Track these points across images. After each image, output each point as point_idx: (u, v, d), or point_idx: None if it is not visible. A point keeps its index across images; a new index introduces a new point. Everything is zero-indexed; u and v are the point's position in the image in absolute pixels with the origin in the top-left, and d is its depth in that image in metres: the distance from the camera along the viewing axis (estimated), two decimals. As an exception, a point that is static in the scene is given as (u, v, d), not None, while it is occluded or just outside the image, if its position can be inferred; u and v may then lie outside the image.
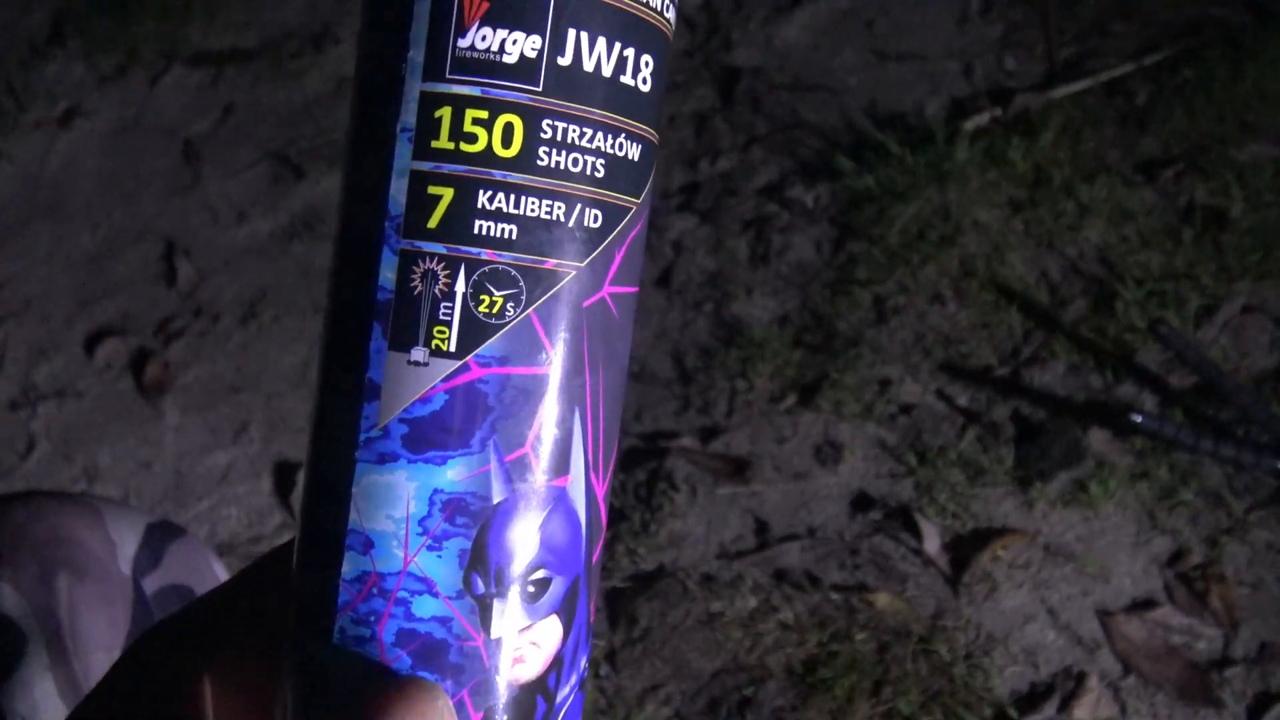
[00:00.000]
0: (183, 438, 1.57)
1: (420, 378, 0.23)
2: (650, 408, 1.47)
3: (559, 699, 0.25)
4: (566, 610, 0.25)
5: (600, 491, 0.26)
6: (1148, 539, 1.25)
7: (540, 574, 0.24)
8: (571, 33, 0.24)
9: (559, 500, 0.24)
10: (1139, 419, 1.24)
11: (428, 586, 0.24)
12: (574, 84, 0.24)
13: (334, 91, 2.04)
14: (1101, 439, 1.32)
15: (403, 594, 0.23)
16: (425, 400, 0.23)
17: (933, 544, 1.27)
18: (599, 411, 0.25)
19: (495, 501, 0.24)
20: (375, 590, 0.24)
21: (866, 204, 1.62)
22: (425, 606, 0.24)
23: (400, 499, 0.23)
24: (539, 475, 0.24)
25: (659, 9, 0.26)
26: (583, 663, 0.26)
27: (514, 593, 0.24)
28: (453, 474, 0.23)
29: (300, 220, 1.83)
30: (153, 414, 1.60)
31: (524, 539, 0.24)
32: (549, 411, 0.24)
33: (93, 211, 1.92)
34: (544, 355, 0.24)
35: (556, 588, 0.25)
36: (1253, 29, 1.75)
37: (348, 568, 0.24)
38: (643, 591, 1.27)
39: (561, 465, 0.24)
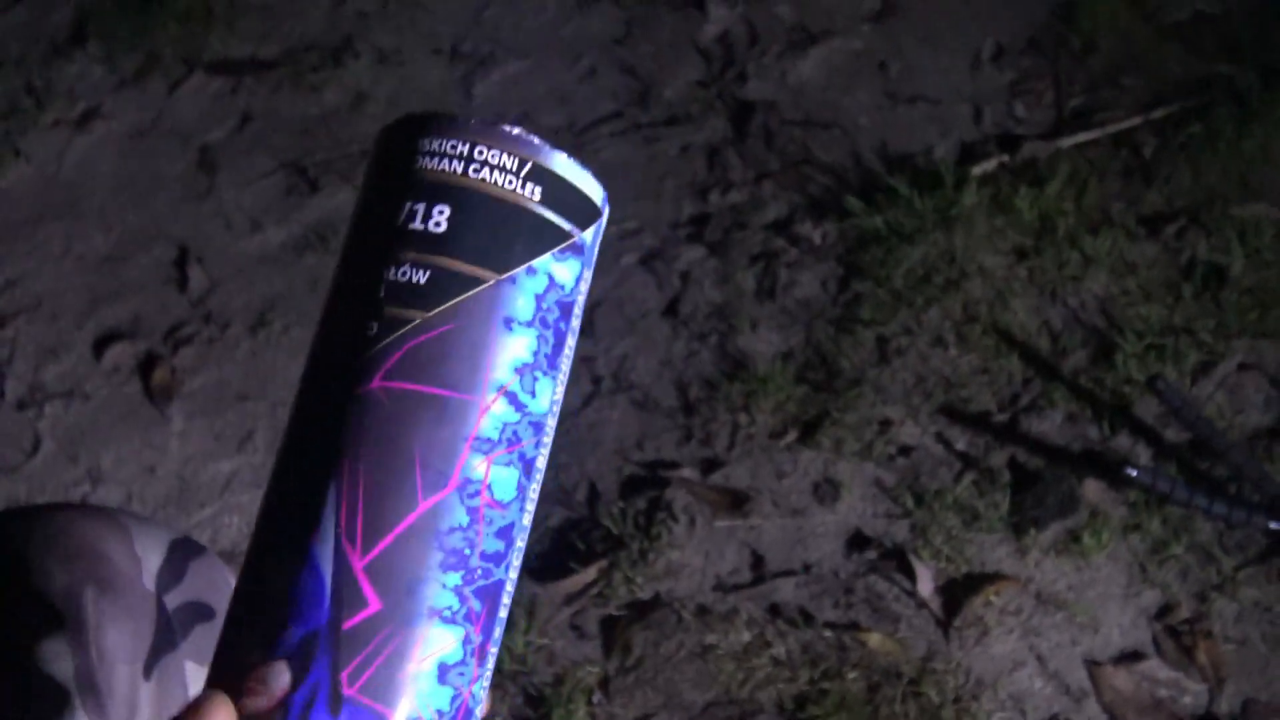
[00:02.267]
0: (187, 444, 1.58)
1: None
2: (652, 437, 1.49)
3: None
4: (298, 660, 0.28)
5: (354, 562, 0.28)
6: (1138, 591, 1.27)
7: (279, 616, 0.28)
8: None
9: (306, 557, 0.28)
10: (1134, 472, 1.26)
11: None
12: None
13: (352, 105, 2.06)
14: (1096, 490, 1.34)
15: None
16: None
17: (926, 586, 1.28)
18: (357, 488, 0.28)
19: (264, 547, 0.29)
20: None
21: (874, 244, 1.65)
22: None
23: None
24: (295, 532, 0.28)
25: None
26: None
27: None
28: None
29: (313, 232, 1.85)
30: (159, 419, 1.61)
31: (277, 584, 0.28)
32: (306, 482, 0.29)
33: (106, 214, 1.94)
34: (315, 435, 0.29)
35: (290, 634, 0.28)
36: (1260, 90, 1.78)
37: None
38: (638, 620, 1.29)
39: (310, 526, 0.28)
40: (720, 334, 1.60)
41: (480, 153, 0.32)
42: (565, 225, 0.32)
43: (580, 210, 0.34)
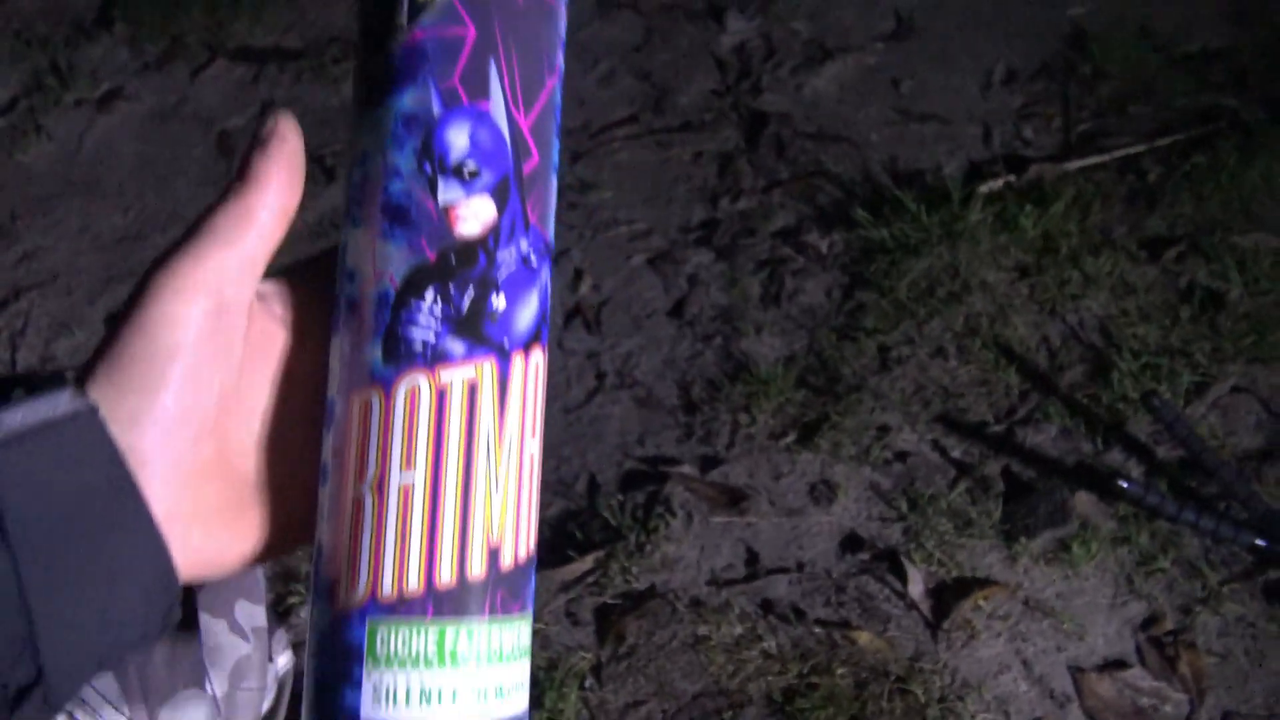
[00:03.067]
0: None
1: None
2: (654, 434, 1.51)
3: (499, 258, 0.36)
4: (499, 195, 0.36)
5: (522, 121, 0.36)
6: (1124, 602, 1.29)
7: (471, 165, 0.36)
8: None
9: (482, 117, 0.36)
10: (1125, 485, 1.28)
11: (396, 171, 0.35)
12: None
13: (371, 99, 2.10)
14: (1087, 502, 1.36)
15: (382, 179, 0.36)
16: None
17: (917, 588, 1.31)
18: (513, 63, 0.36)
19: (435, 115, 0.35)
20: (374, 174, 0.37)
21: (879, 255, 1.67)
22: (395, 185, 0.35)
23: (384, 121, 0.36)
24: (464, 100, 0.35)
25: None
26: (523, 245, 0.36)
27: (453, 174, 0.35)
28: (407, 99, 0.35)
29: (328, 220, 1.87)
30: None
31: (457, 140, 0.35)
32: (469, 59, 0.36)
33: (125, 193, 1.97)
34: (462, 24, 0.36)
35: (486, 177, 0.36)
36: (1265, 123, 1.81)
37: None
38: (632, 609, 1.31)
39: (482, 93, 0.35)
40: (724, 336, 1.62)
41: None
42: None
43: None
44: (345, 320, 0.36)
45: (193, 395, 0.35)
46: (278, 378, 0.38)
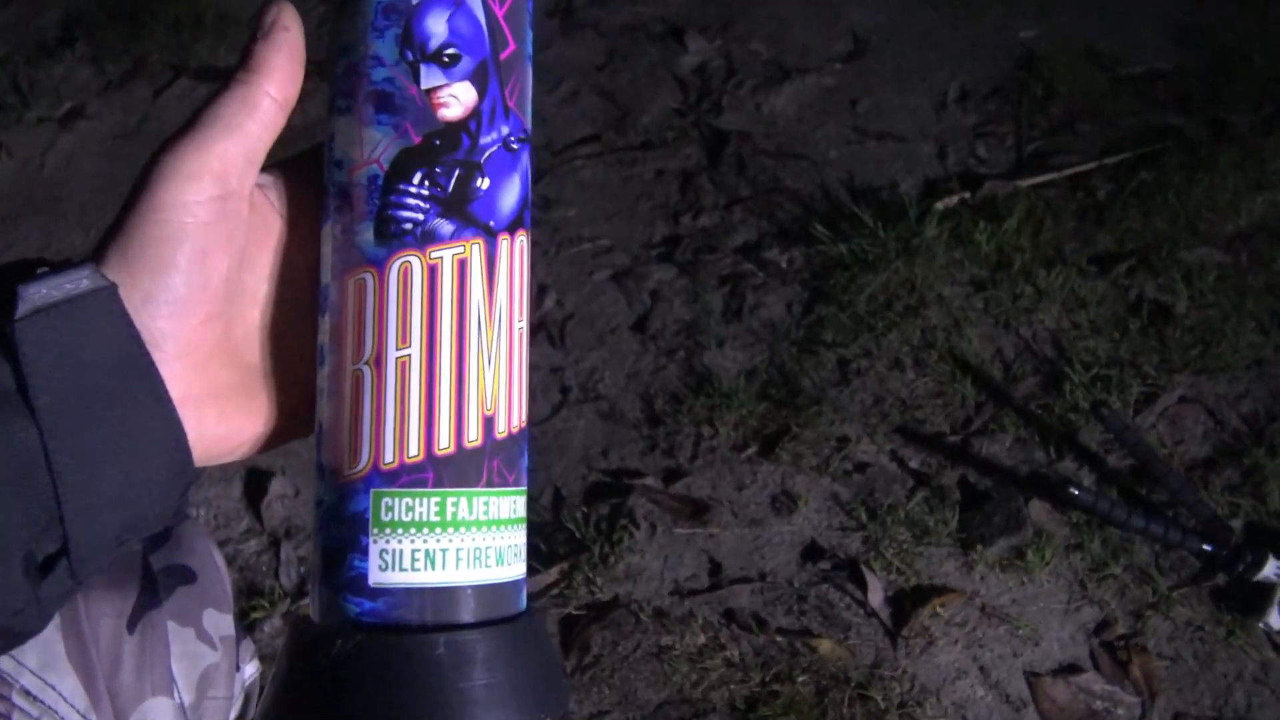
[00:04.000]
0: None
1: None
2: (617, 446, 1.53)
3: (481, 141, 0.37)
4: (478, 80, 0.37)
5: (498, 9, 0.37)
6: (1077, 607, 1.32)
7: (451, 50, 0.37)
8: None
9: (460, 5, 0.37)
10: (1077, 493, 1.31)
11: (379, 60, 0.37)
12: None
13: (335, 117, 2.11)
14: (1041, 510, 1.40)
15: (365, 68, 0.37)
16: None
17: (876, 596, 1.33)
18: None
19: (414, 3, 0.36)
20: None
21: (838, 270, 1.71)
22: (379, 73, 0.37)
23: (365, 11, 0.37)
24: None
25: None
26: (504, 130, 0.38)
27: (433, 60, 0.37)
28: None
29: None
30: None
31: (436, 27, 0.36)
32: None
33: (87, 213, 1.96)
34: None
35: (466, 63, 0.37)
36: (1209, 141, 1.87)
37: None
38: (597, 620, 1.32)
39: None
40: (687, 350, 1.65)
41: None
42: None
43: None
44: (336, 206, 0.38)
45: (201, 278, 0.36)
46: (276, 267, 0.40)
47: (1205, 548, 1.31)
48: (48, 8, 2.32)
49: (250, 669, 0.68)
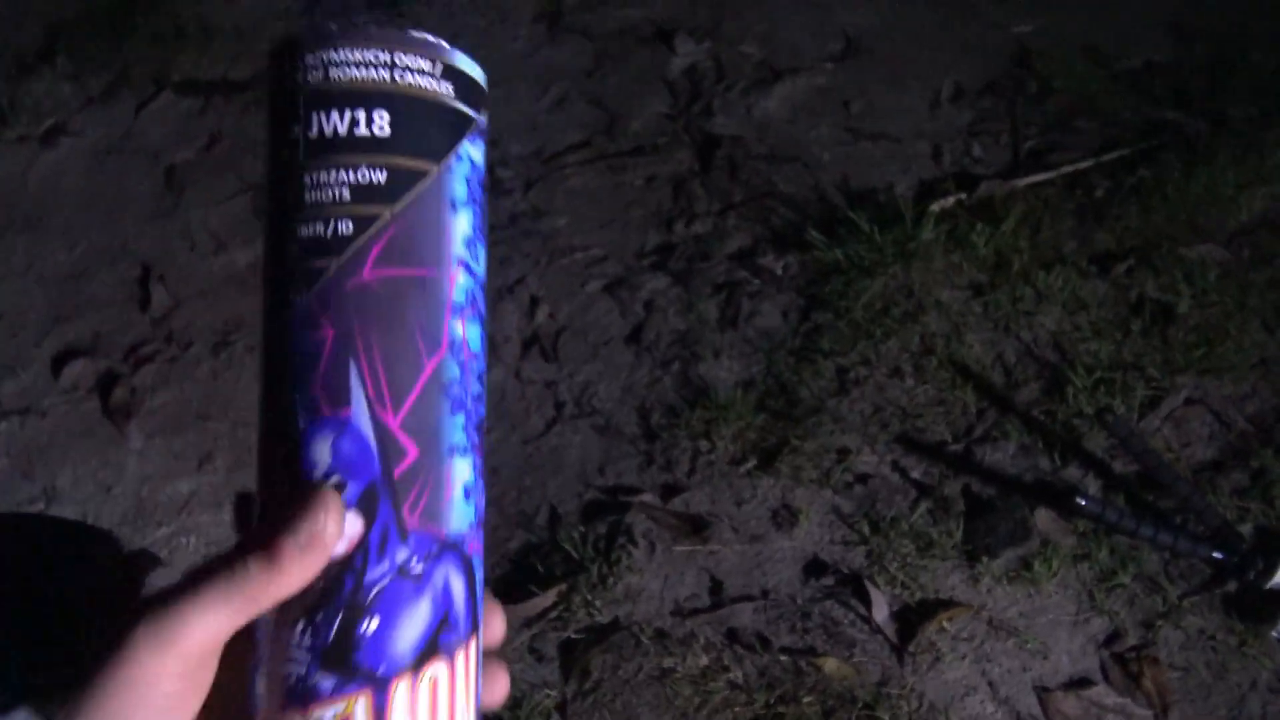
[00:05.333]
0: (146, 463, 1.57)
1: None
2: (614, 462, 1.50)
3: (369, 578, 0.34)
4: (364, 507, 0.34)
5: (390, 421, 0.35)
6: (1086, 618, 1.30)
7: (335, 479, 0.34)
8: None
9: (343, 425, 0.34)
10: (1084, 502, 1.29)
11: None
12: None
13: (320, 129, 2.08)
14: (1047, 519, 1.37)
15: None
16: None
17: (881, 612, 1.30)
18: (376, 361, 0.34)
19: (299, 429, 0.34)
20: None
21: (834, 276, 1.68)
22: None
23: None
24: (324, 410, 0.34)
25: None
26: (399, 557, 0.34)
27: None
28: (274, 416, 0.35)
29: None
30: (117, 437, 1.60)
31: (320, 455, 0.34)
32: (327, 364, 0.35)
33: (71, 230, 1.93)
34: (319, 327, 0.35)
35: (351, 489, 0.34)
36: (1207, 136, 1.84)
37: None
38: (597, 643, 1.29)
39: (343, 400, 0.34)
40: (682, 361, 1.62)
41: (401, 59, 0.37)
42: (471, 112, 0.39)
43: (478, 96, 0.39)
44: (251, 661, 0.36)
45: None
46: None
47: (1215, 555, 1.29)
48: (27, 22, 2.29)
49: None
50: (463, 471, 0.36)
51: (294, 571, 0.34)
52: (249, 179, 1.98)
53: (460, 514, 0.36)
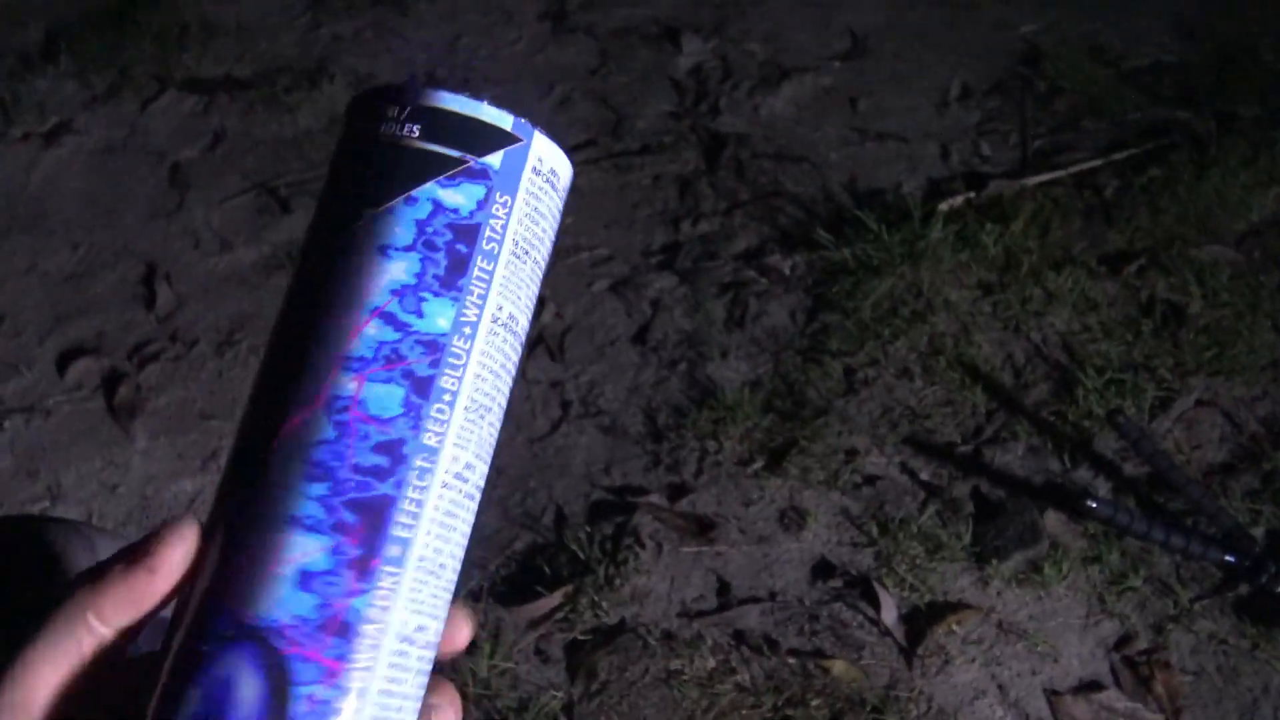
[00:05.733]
0: (150, 462, 1.56)
1: None
2: (620, 463, 1.49)
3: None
4: None
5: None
6: (1097, 622, 1.29)
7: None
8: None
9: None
10: (1094, 504, 1.28)
11: None
12: None
13: (325, 127, 2.07)
14: (1057, 521, 1.36)
15: None
16: None
17: (890, 614, 1.29)
18: (249, 408, 0.34)
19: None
20: None
21: (842, 276, 1.67)
22: None
23: None
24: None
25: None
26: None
27: None
28: None
29: (283, 252, 1.84)
30: (121, 436, 1.59)
31: None
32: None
33: (74, 229, 1.92)
34: None
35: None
36: (1217, 135, 1.83)
37: None
38: (603, 645, 1.29)
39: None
40: (689, 361, 1.61)
41: (365, 108, 0.36)
42: (454, 153, 0.35)
43: (478, 137, 0.35)
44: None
45: None
46: None
47: (1227, 558, 1.28)
48: (30, 21, 2.28)
49: None
50: (305, 549, 0.32)
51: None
52: (254, 177, 1.97)
53: (285, 600, 0.31)
